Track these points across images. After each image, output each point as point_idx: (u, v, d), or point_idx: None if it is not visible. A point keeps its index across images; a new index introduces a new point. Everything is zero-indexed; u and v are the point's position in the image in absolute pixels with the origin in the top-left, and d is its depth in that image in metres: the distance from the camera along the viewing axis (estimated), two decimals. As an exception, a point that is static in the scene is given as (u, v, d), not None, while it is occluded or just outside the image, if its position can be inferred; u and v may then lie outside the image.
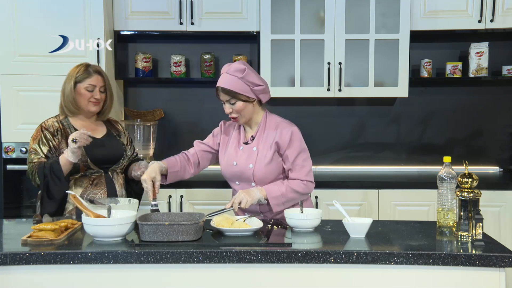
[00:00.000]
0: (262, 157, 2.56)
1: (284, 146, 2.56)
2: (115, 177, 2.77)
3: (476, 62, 3.83)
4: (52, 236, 2.13)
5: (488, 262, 1.99)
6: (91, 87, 2.72)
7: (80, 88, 2.72)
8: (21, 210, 3.71)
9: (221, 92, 2.52)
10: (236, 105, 2.53)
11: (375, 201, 3.57)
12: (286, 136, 2.56)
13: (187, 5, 3.76)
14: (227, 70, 2.52)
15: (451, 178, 2.25)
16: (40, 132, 2.70)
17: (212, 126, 2.81)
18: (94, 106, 2.75)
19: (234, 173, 2.62)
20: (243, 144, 2.63)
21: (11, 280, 2.02)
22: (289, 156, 2.56)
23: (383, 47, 3.74)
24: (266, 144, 2.58)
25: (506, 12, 3.71)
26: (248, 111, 2.57)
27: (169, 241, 2.09)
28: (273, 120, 2.63)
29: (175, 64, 3.97)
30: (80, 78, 2.72)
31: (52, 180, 2.57)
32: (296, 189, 2.54)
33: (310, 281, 2.04)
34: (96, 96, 2.73)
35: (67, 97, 2.72)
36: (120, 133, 2.90)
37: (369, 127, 4.14)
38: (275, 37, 3.74)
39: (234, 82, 2.49)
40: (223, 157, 2.67)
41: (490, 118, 4.08)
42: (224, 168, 2.67)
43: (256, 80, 2.53)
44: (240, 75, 2.49)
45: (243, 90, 2.50)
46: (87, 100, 2.72)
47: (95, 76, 2.74)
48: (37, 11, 3.60)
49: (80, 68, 2.76)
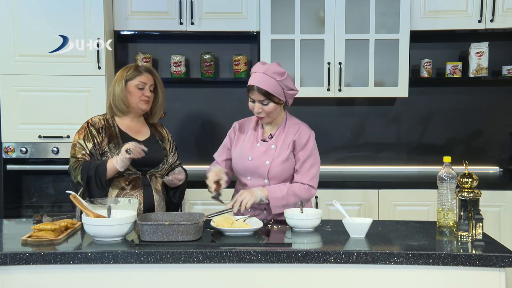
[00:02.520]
0: (279, 155, 2.58)
1: (299, 147, 2.59)
2: (153, 181, 2.73)
3: (476, 62, 3.83)
4: (52, 236, 2.13)
5: (488, 262, 1.99)
6: (142, 84, 2.70)
7: (130, 86, 2.70)
8: (21, 210, 3.71)
9: (256, 92, 2.51)
10: (268, 106, 2.54)
11: (375, 201, 3.57)
12: (303, 138, 2.59)
13: (187, 5, 3.76)
14: (265, 70, 2.52)
15: (451, 178, 2.25)
16: (86, 128, 2.68)
17: (212, 126, 2.81)
18: (144, 104, 2.73)
19: (248, 168, 2.62)
20: (261, 141, 2.64)
21: (11, 280, 2.02)
22: (300, 157, 2.59)
23: (383, 47, 3.74)
24: (284, 143, 2.60)
25: (506, 12, 3.71)
26: (276, 113, 2.59)
27: (169, 241, 2.09)
28: (294, 121, 2.66)
29: (175, 64, 3.97)
30: (130, 76, 2.71)
31: (95, 183, 2.56)
32: (298, 192, 2.55)
33: (310, 281, 2.04)
34: (147, 93, 2.71)
35: (117, 96, 2.69)
36: (164, 138, 2.87)
37: (369, 127, 4.14)
38: (275, 37, 3.74)
39: (272, 84, 2.50)
40: (236, 152, 2.67)
41: (490, 118, 4.08)
42: (236, 162, 2.67)
43: (291, 85, 2.57)
44: (279, 78, 2.51)
45: (278, 93, 2.52)
46: (138, 98, 2.70)
47: (145, 74, 2.73)
48: (37, 11, 3.60)
49: (130, 67, 2.75)
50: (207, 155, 4.11)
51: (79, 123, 3.63)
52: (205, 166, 4.11)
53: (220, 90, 4.12)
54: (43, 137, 3.65)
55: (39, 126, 3.64)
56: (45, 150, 3.67)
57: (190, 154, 4.04)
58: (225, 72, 4.11)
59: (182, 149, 2.77)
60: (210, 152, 4.16)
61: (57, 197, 3.71)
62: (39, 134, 3.64)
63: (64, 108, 3.63)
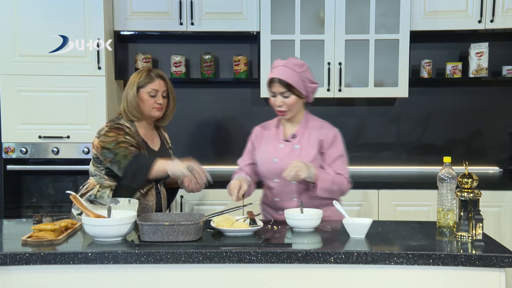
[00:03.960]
0: (305, 155, 2.56)
1: (327, 145, 2.58)
2: (161, 189, 2.74)
3: (476, 62, 3.83)
4: (52, 236, 2.13)
5: (488, 262, 1.99)
6: (154, 91, 2.67)
7: (142, 93, 2.67)
8: (21, 210, 3.71)
9: (277, 84, 2.51)
10: (289, 99, 2.53)
11: (375, 201, 3.57)
12: (329, 135, 2.59)
13: (187, 5, 3.76)
14: (285, 63, 2.53)
15: (451, 179, 2.25)
16: (121, 129, 2.62)
17: (212, 126, 2.81)
18: (157, 112, 2.70)
19: (273, 170, 2.59)
20: (284, 142, 2.63)
21: (11, 280, 2.02)
22: (331, 155, 2.58)
23: (383, 47, 3.74)
24: (309, 142, 2.58)
25: (506, 12, 3.71)
26: (297, 107, 2.59)
27: (169, 241, 2.09)
28: (316, 120, 2.66)
29: (175, 64, 3.97)
30: (142, 83, 2.67)
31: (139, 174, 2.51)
32: (339, 183, 2.55)
33: (310, 281, 2.04)
34: (159, 101, 2.69)
35: (130, 102, 2.66)
36: (169, 143, 2.88)
37: (369, 127, 4.14)
38: (275, 37, 3.74)
39: (292, 75, 2.51)
40: (260, 155, 2.66)
41: (490, 118, 4.08)
42: (261, 165, 2.65)
43: (311, 77, 2.57)
44: (299, 69, 2.52)
45: (299, 85, 2.52)
46: (150, 106, 2.67)
47: (157, 81, 2.69)
48: (37, 11, 3.60)
49: (142, 73, 2.71)
50: (207, 155, 4.13)
51: (79, 123, 3.67)
52: (205, 166, 4.10)
53: (220, 90, 4.12)
54: (43, 137, 3.65)
55: (39, 126, 3.64)
56: (45, 151, 3.67)
57: (190, 154, 4.01)
58: (225, 72, 4.11)
59: (182, 149, 2.78)
60: (210, 153, 4.20)
61: (57, 198, 3.71)
62: (39, 135, 3.64)
63: (64, 108, 3.64)
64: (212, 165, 4.13)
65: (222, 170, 4.12)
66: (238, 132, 4.10)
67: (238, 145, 4.16)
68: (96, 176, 2.67)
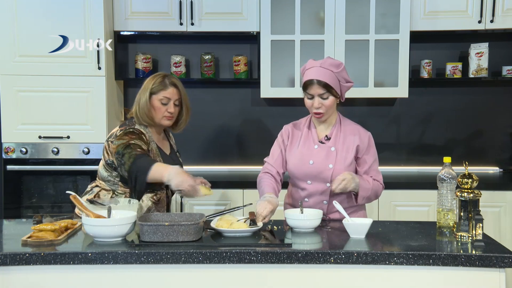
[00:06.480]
0: (342, 159, 2.53)
1: (363, 150, 2.56)
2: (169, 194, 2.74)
3: (476, 62, 3.83)
4: (52, 237, 2.13)
5: (488, 262, 1.99)
6: (166, 99, 2.63)
7: (154, 100, 2.62)
8: (21, 211, 3.71)
9: (316, 85, 2.46)
10: (327, 100, 2.49)
11: (375, 201, 3.57)
12: (365, 140, 2.57)
13: (187, 5, 3.76)
14: (321, 64, 2.49)
15: (451, 179, 2.25)
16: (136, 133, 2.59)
17: (212, 126, 2.80)
18: (167, 120, 2.66)
19: (309, 172, 2.54)
20: (319, 143, 2.59)
21: (11, 281, 2.02)
22: (367, 160, 2.56)
23: (383, 48, 3.74)
24: (345, 146, 2.55)
25: (506, 12, 3.71)
26: (333, 108, 2.56)
27: (169, 242, 2.09)
28: (350, 123, 2.63)
29: (175, 65, 3.97)
30: (155, 90, 2.63)
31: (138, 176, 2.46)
32: (376, 190, 2.54)
33: (310, 281, 2.04)
34: (170, 109, 2.64)
35: (142, 108, 2.62)
36: (175, 145, 2.86)
37: (369, 127, 4.09)
38: (275, 37, 3.74)
39: (330, 76, 2.47)
40: (294, 156, 2.58)
41: (490, 118, 4.08)
42: (295, 166, 2.57)
43: (347, 77, 2.53)
44: (336, 70, 2.48)
45: (336, 86, 2.49)
46: (161, 114, 2.63)
47: (170, 89, 2.64)
48: (37, 11, 3.60)
49: (156, 78, 2.66)
50: (207, 156, 4.13)
51: (79, 123, 3.67)
52: (205, 166, 4.15)
53: (220, 90, 4.12)
54: (43, 138, 3.65)
55: (39, 127, 3.64)
56: (45, 151, 3.67)
57: (190, 154, 4.03)
58: (225, 72, 4.11)
59: (182, 149, 2.77)
60: (210, 153, 4.20)
61: (57, 198, 3.71)
62: (39, 135, 3.64)
63: (64, 109, 3.64)
64: (212, 165, 4.14)
65: (222, 170, 4.13)
66: (238, 132, 4.11)
67: (238, 145, 4.18)
68: (110, 181, 2.64)
